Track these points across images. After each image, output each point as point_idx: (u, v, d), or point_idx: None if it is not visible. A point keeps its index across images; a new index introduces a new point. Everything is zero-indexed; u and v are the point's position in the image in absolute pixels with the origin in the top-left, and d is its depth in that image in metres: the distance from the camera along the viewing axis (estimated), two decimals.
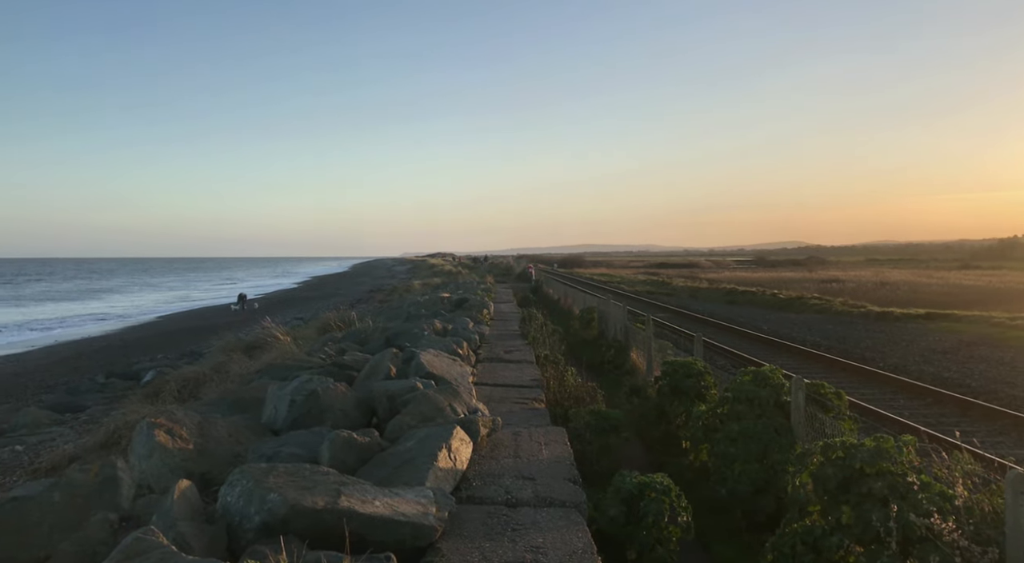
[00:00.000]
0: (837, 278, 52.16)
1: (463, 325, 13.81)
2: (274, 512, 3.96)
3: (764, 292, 37.67)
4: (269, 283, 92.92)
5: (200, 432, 6.19)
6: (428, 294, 26.72)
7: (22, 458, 10.02)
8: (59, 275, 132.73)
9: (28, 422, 13.01)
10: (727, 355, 17.81)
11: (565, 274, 68.42)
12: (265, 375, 10.24)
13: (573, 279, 55.26)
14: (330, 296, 54.33)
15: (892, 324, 24.50)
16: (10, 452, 10.60)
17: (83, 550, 4.18)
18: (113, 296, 72.84)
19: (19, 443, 11.17)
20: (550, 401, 9.17)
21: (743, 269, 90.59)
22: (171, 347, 26.60)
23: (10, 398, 17.52)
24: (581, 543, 4.29)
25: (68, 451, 9.22)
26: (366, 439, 5.74)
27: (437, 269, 69.70)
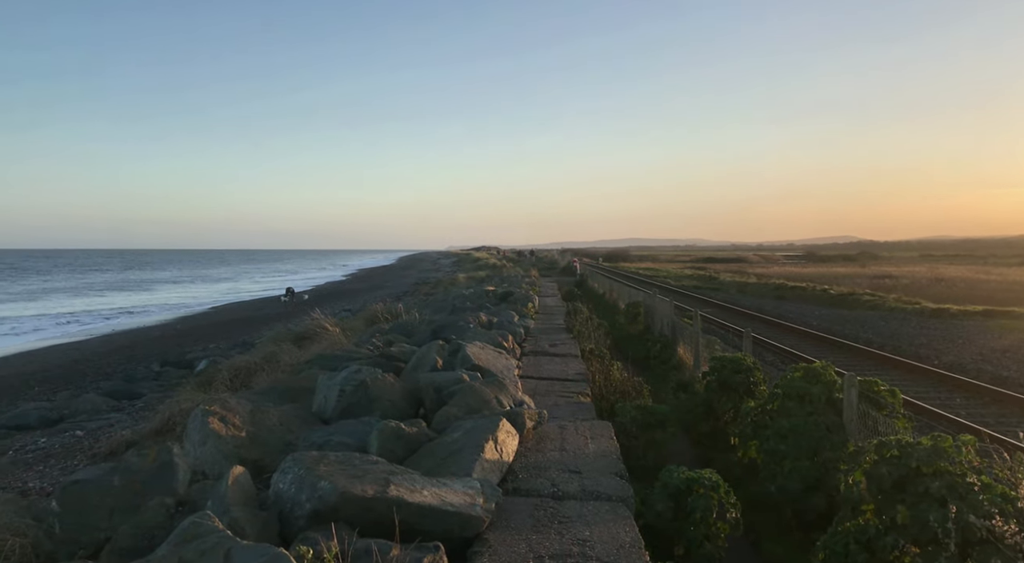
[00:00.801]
0: (890, 274, 50.89)
1: (508, 318, 13.84)
2: (325, 499, 4.02)
3: (814, 288, 36.92)
4: (318, 275, 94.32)
5: (252, 420, 6.31)
6: (473, 287, 26.83)
7: (82, 443, 10.36)
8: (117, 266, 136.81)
9: (87, 408, 13.44)
10: (776, 351, 17.52)
11: (610, 268, 68.05)
12: (314, 365, 10.39)
13: (618, 273, 54.95)
14: (376, 288, 54.93)
15: (948, 321, 23.81)
16: (71, 437, 10.97)
17: (141, 533, 4.30)
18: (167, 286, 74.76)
19: (79, 428, 11.56)
20: (596, 395, 9.14)
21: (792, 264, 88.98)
22: (223, 337, 27.19)
23: (70, 385, 18.12)
24: (628, 537, 4.27)
25: (125, 437, 9.50)
26: (414, 429, 5.79)
27: (482, 263, 69.95)
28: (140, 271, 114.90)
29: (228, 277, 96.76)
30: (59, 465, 9.19)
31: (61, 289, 70.12)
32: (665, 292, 28.56)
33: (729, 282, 46.87)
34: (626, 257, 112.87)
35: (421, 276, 71.07)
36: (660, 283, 43.90)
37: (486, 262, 70.28)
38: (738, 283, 45.21)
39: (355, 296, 47.79)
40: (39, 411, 13.41)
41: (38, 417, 13.03)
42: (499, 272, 43.65)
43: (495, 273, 42.16)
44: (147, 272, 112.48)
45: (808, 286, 37.96)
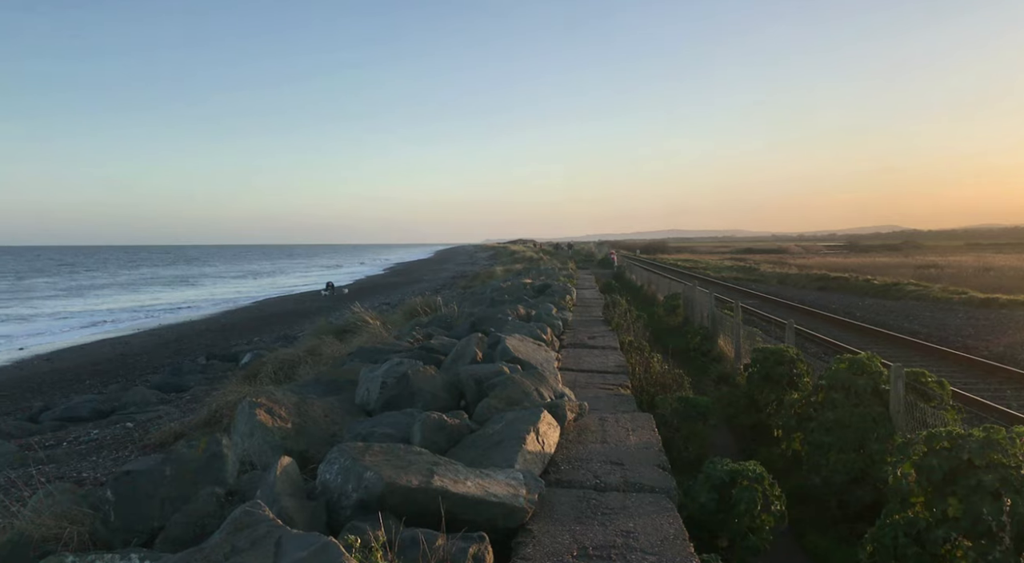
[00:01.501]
0: (935, 263, 49.75)
1: (547, 311, 13.83)
2: (371, 489, 4.08)
3: (857, 278, 36.25)
4: (357, 270, 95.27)
5: (298, 412, 6.41)
6: (510, 280, 26.86)
7: (133, 434, 10.64)
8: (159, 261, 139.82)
9: (137, 400, 13.78)
10: (819, 343, 17.26)
11: (648, 260, 67.59)
12: (356, 358, 10.51)
13: (656, 265, 54.55)
14: (415, 282, 55.32)
15: (997, 311, 23.20)
16: (122, 428, 11.26)
17: (193, 522, 4.40)
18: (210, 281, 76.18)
19: (129, 420, 11.86)
20: (635, 387, 9.11)
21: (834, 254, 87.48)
22: (266, 330, 27.63)
23: (119, 378, 18.60)
24: (672, 529, 4.26)
25: (174, 428, 9.73)
26: (456, 421, 5.84)
27: (518, 255, 69.96)
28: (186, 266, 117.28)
29: (269, 272, 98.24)
30: (111, 456, 9.45)
31: (109, 285, 71.90)
32: (704, 284, 28.33)
33: (769, 273, 46.27)
34: (664, 248, 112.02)
35: (458, 269, 71.37)
36: (699, 275, 43.51)
37: (523, 255, 70.25)
38: (779, 274, 44.59)
39: (393, 290, 48.18)
40: (91, 403, 13.79)
41: (90, 409, 13.40)
42: (536, 265, 43.62)
43: (532, 266, 42.14)
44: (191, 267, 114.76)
45: (850, 276, 37.29)
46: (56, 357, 24.76)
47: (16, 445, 10.95)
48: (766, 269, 50.50)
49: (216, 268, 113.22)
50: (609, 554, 3.91)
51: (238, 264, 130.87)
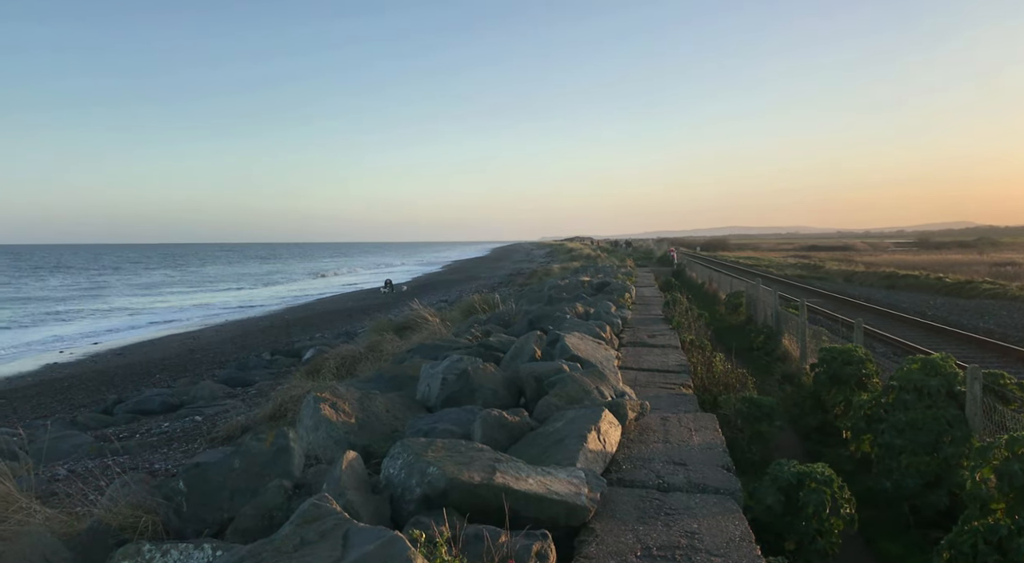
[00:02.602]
0: (1012, 261, 47.72)
1: (605, 309, 13.74)
2: (434, 485, 4.11)
3: (928, 276, 35.02)
4: (415, 268, 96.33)
5: (360, 407, 6.51)
6: (568, 278, 26.76)
7: (201, 427, 10.95)
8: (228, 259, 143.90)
9: (205, 394, 14.18)
10: (888, 342, 16.74)
11: (708, 257, 66.62)
12: (416, 354, 10.61)
13: (717, 262, 53.72)
14: (472, 280, 55.63)
15: None
16: (191, 421, 11.61)
17: (261, 513, 4.50)
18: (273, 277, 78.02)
19: (198, 414, 12.21)
20: (697, 387, 8.97)
21: (903, 251, 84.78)
22: (327, 327, 28.14)
23: (188, 372, 19.18)
24: (738, 531, 4.18)
25: (240, 422, 9.98)
26: (516, 418, 5.84)
27: (575, 253, 69.69)
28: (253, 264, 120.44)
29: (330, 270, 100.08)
30: (181, 448, 9.75)
31: (178, 281, 74.32)
32: (767, 281, 27.76)
33: (835, 271, 45.10)
34: (725, 246, 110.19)
35: (515, 267, 71.51)
36: (762, 272, 42.67)
37: (580, 252, 69.99)
38: (845, 272, 43.43)
39: (451, 287, 48.56)
40: (161, 397, 14.25)
41: (160, 402, 13.85)
42: (593, 262, 43.40)
43: (589, 263, 41.93)
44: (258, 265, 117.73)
45: (921, 274, 36.05)
46: (128, 351, 25.69)
47: (92, 436, 11.39)
48: (831, 267, 49.23)
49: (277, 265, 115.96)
50: (674, 554, 3.85)
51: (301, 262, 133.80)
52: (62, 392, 17.35)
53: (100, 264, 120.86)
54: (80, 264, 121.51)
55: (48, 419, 13.61)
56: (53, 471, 8.81)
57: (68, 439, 10.80)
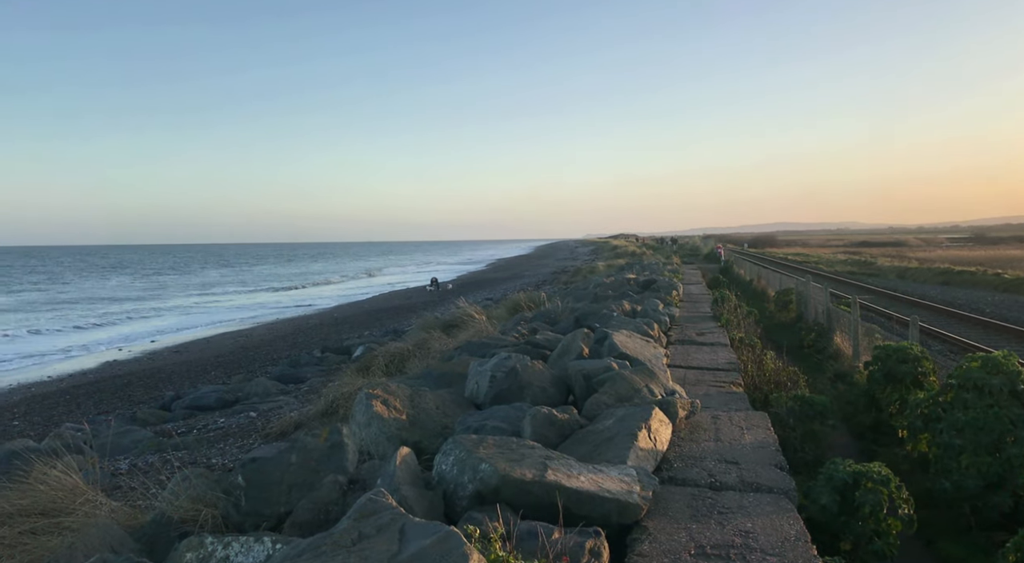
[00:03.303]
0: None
1: (653, 306, 13.65)
2: (486, 481, 4.15)
3: (985, 272, 33.99)
4: (459, 266, 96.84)
5: (411, 403, 6.58)
6: (613, 275, 26.63)
7: (256, 423, 11.20)
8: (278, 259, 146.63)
9: (259, 391, 14.50)
10: (944, 340, 16.31)
11: (756, 254, 65.62)
12: (463, 352, 10.68)
13: (765, 259, 52.89)
14: (516, 277, 55.73)
15: None
16: (245, 417, 11.88)
17: (318, 508, 4.60)
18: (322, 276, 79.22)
19: (252, 410, 12.49)
20: (748, 385, 8.88)
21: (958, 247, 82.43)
22: (376, 325, 28.49)
23: (241, 369, 19.61)
24: (793, 530, 4.13)
25: (293, 418, 10.18)
26: (565, 416, 5.85)
27: (620, 250, 69.30)
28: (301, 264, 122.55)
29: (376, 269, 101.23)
30: (237, 443, 9.99)
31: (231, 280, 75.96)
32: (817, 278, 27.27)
33: (887, 267, 44.07)
34: (773, 242, 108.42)
35: (559, 265, 71.41)
36: (811, 269, 41.87)
37: (625, 250, 69.55)
38: (897, 268, 42.41)
39: (495, 285, 48.71)
40: (217, 393, 14.61)
41: (216, 399, 14.20)
42: (639, 260, 43.10)
43: (635, 261, 41.66)
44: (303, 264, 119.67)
45: (978, 270, 35.01)
46: (184, 349, 26.37)
47: (151, 432, 11.74)
48: (883, 263, 48.13)
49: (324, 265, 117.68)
50: (728, 553, 3.83)
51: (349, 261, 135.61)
52: (122, 389, 17.89)
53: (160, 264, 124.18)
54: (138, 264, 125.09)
55: (109, 415, 14.07)
56: (115, 465, 9.12)
57: (129, 434, 11.16)
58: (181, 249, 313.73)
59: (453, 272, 77.24)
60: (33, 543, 5.09)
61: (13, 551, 4.92)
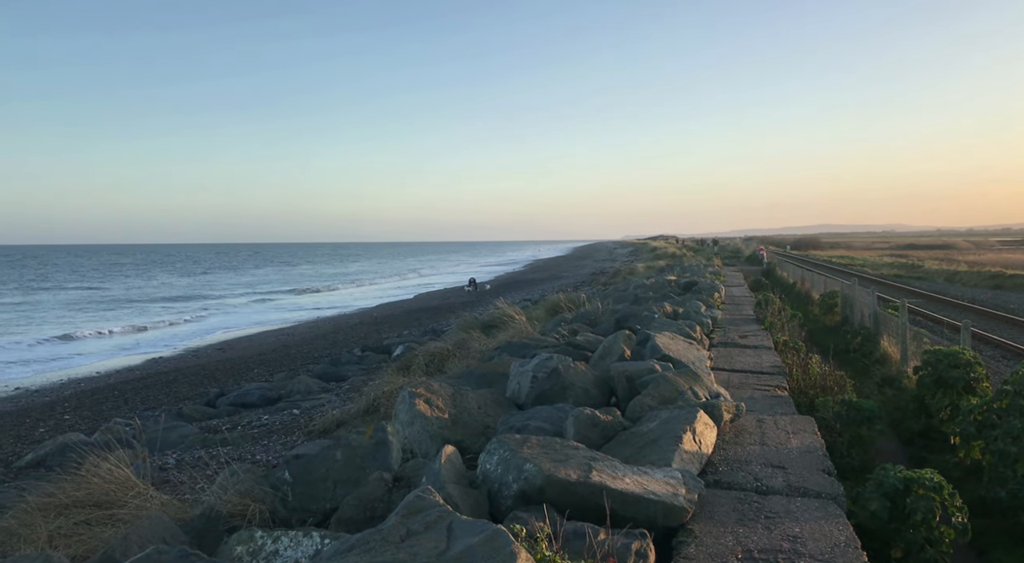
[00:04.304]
0: None
1: (695, 308, 13.53)
2: (531, 481, 4.15)
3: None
4: (496, 267, 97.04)
5: (453, 403, 6.61)
6: (653, 277, 26.45)
7: (299, 420, 11.35)
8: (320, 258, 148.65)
9: (301, 389, 14.68)
10: (997, 345, 15.89)
11: (799, 256, 64.61)
12: (503, 352, 10.70)
13: (809, 261, 52.08)
14: (554, 278, 55.65)
15: None
16: (289, 415, 12.04)
17: (363, 504, 4.64)
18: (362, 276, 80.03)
19: (295, 407, 12.65)
20: (793, 389, 8.75)
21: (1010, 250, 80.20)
22: (414, 324, 28.68)
23: (283, 367, 19.88)
24: (843, 536, 4.06)
25: (335, 416, 10.29)
26: (609, 417, 5.83)
27: (660, 252, 68.80)
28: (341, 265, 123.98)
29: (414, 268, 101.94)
30: (280, 440, 10.13)
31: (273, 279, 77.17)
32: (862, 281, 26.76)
33: (935, 270, 43.04)
34: (816, 244, 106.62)
35: (597, 266, 71.14)
36: (856, 272, 41.14)
37: (664, 251, 69.04)
38: (946, 271, 41.40)
39: (533, 286, 48.70)
40: (260, 391, 14.83)
41: (260, 396, 14.42)
42: (679, 261, 42.74)
43: (675, 262, 41.32)
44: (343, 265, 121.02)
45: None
46: (227, 346, 26.83)
47: (197, 428, 11.97)
48: (931, 266, 47.01)
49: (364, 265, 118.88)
50: (776, 558, 3.78)
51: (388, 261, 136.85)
52: (167, 385, 18.27)
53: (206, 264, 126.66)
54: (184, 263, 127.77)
55: (156, 410, 14.37)
56: (164, 459, 9.32)
57: (175, 430, 11.39)
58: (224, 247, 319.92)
59: (491, 272, 77.41)
60: (88, 534, 5.23)
61: (70, 541, 5.07)
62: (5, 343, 29.22)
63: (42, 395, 18.42)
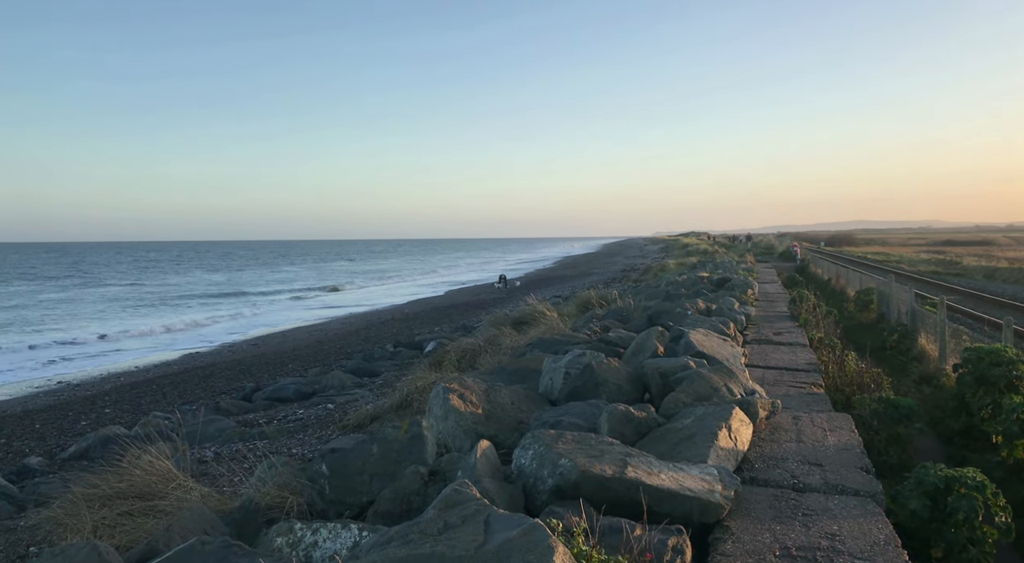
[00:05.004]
0: None
1: (728, 305, 13.43)
2: (566, 476, 4.16)
3: None
4: (526, 264, 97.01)
5: (487, 398, 6.64)
6: (686, 273, 26.26)
7: (333, 415, 11.47)
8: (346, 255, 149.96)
9: (335, 384, 14.84)
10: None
11: (833, 253, 63.70)
12: (535, 348, 10.70)
13: (843, 258, 51.30)
14: (584, 275, 55.51)
15: None
16: (323, 409, 12.18)
17: (399, 497, 4.69)
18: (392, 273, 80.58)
19: (330, 402, 12.79)
20: (829, 386, 8.65)
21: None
22: (445, 321, 28.81)
23: (317, 362, 20.10)
24: (882, 534, 4.02)
25: (369, 411, 10.38)
26: (643, 414, 5.81)
27: (691, 248, 68.25)
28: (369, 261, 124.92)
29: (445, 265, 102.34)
30: (315, 434, 10.24)
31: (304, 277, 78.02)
32: (899, 278, 26.32)
33: (974, 267, 42.16)
34: (851, 241, 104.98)
35: (628, 263, 70.81)
36: (892, 268, 40.40)
37: (696, 248, 68.46)
38: (985, 268, 40.53)
39: (563, 282, 48.63)
40: (295, 386, 15.02)
41: (294, 391, 14.60)
42: (711, 258, 42.37)
43: (707, 259, 40.98)
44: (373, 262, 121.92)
45: None
46: (262, 342, 27.20)
47: (234, 421, 12.16)
48: (970, 262, 46.05)
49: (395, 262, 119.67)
50: (814, 556, 3.75)
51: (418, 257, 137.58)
52: (204, 380, 18.57)
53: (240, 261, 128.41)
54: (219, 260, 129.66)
55: (194, 404, 14.63)
56: (202, 452, 9.48)
57: (213, 423, 11.58)
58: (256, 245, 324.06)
59: (521, 269, 77.44)
60: (131, 524, 5.35)
61: (114, 531, 5.19)
62: (48, 340, 29.93)
63: (83, 389, 18.84)
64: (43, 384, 20.47)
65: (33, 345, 28.55)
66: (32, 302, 49.10)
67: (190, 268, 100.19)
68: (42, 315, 40.59)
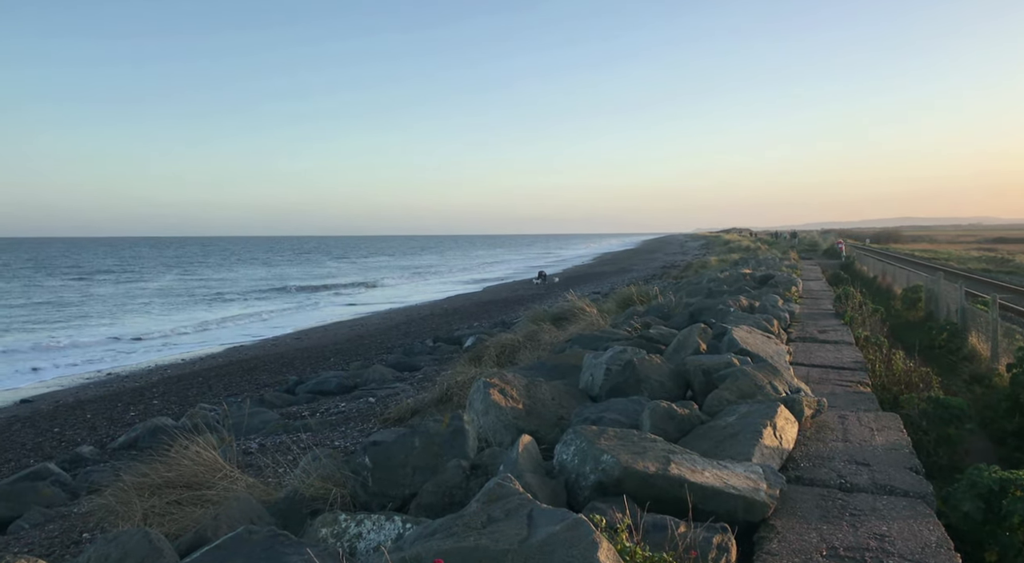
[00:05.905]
0: None
1: (772, 302, 13.23)
2: (608, 472, 4.15)
3: None
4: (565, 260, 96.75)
5: (527, 393, 6.64)
6: (727, 270, 25.94)
7: (374, 408, 11.58)
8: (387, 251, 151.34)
9: (376, 378, 14.99)
10: None
11: (879, 250, 62.36)
12: (575, 344, 10.68)
13: (889, 255, 50.18)
14: (624, 271, 55.21)
15: None
16: (365, 403, 12.31)
17: (442, 491, 4.72)
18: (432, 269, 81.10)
19: (371, 395, 12.92)
20: (876, 385, 8.48)
21: None
22: (484, 316, 28.89)
23: (358, 356, 20.31)
24: (934, 536, 3.93)
25: (410, 405, 10.46)
26: (686, 411, 5.77)
27: (733, 245, 67.42)
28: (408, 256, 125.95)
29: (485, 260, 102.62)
30: (357, 427, 10.36)
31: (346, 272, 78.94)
32: (948, 276, 25.67)
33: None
34: (897, 238, 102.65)
35: (668, 259, 70.24)
36: (941, 266, 39.42)
37: (738, 244, 67.59)
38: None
39: (602, 279, 48.42)
40: (337, 379, 15.21)
41: (337, 384, 14.78)
42: (754, 254, 41.80)
43: (749, 255, 40.43)
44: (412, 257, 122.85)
45: None
46: (304, 336, 27.58)
47: (278, 414, 12.35)
48: (1022, 260, 44.73)
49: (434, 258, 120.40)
50: (863, 556, 3.68)
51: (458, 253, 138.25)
52: (248, 372, 18.90)
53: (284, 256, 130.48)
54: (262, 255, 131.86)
55: (239, 397, 14.90)
56: (247, 444, 9.65)
57: (257, 415, 11.78)
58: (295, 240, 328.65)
59: (560, 265, 77.29)
60: (179, 513, 5.47)
61: (163, 519, 5.31)
62: (97, 334, 30.74)
63: (132, 381, 19.32)
64: (93, 375, 21.05)
65: (117, 337, 29.74)
66: (100, 295, 50.64)
67: (234, 264, 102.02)
68: (112, 308, 41.84)
